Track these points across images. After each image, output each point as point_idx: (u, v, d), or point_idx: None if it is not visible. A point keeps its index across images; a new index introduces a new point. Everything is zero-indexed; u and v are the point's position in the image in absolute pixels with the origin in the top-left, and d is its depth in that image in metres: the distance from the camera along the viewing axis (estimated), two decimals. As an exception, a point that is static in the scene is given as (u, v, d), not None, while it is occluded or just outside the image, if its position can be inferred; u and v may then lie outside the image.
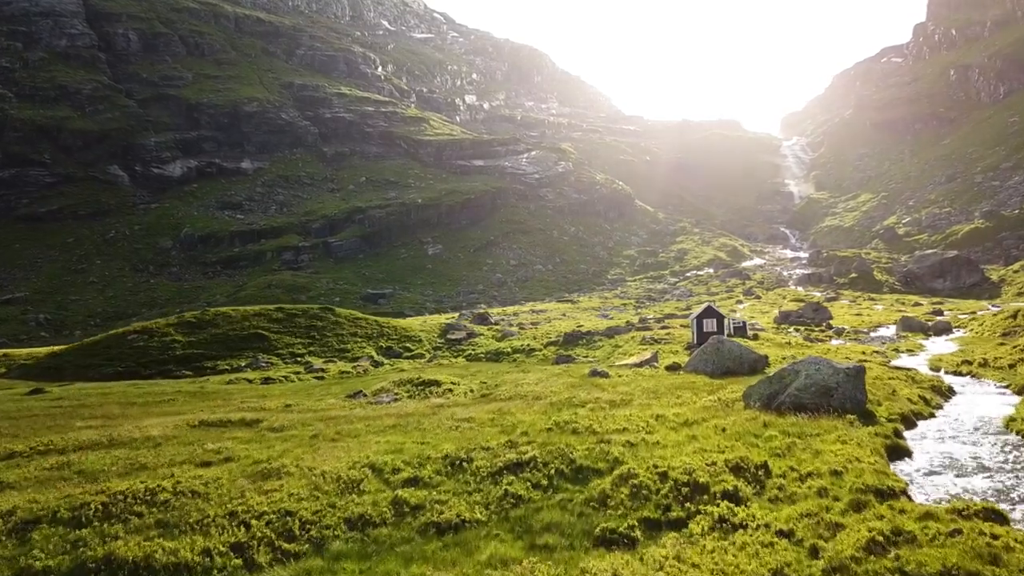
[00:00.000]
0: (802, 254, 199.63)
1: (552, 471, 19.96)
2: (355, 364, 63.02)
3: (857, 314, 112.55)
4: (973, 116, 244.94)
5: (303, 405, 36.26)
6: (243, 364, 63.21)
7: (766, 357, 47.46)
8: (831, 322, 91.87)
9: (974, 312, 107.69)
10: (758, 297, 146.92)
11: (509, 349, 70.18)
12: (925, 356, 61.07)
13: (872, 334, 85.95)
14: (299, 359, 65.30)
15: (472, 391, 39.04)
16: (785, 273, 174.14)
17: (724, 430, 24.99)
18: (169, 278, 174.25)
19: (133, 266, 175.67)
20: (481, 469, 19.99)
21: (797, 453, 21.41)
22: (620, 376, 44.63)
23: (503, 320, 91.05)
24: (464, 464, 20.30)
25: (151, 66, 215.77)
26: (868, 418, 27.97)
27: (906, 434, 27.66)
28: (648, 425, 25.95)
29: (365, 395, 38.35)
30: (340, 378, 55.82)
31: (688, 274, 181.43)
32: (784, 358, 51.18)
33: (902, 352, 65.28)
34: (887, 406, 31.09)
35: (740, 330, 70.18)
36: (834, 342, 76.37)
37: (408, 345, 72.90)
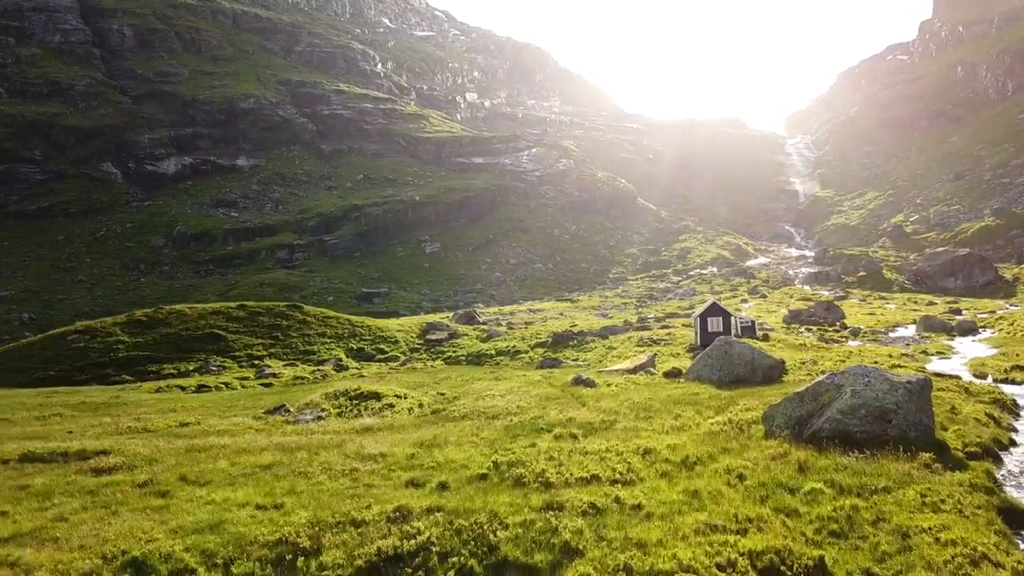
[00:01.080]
0: (808, 253, 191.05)
1: (450, 577, 11.35)
2: (318, 368, 54.83)
3: (870, 313, 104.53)
4: (981, 113, 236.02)
5: (204, 424, 28.18)
6: (192, 368, 55.12)
7: (782, 362, 38.97)
8: (845, 321, 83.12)
9: (993, 311, 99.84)
10: (764, 296, 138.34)
11: (492, 351, 61.92)
12: (960, 359, 52.49)
13: (891, 334, 77.41)
14: (256, 362, 57.13)
15: (422, 406, 30.87)
16: (791, 272, 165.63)
17: (742, 478, 16.83)
18: (160, 277, 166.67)
19: (124, 265, 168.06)
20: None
21: (867, 531, 13.14)
22: (608, 385, 36.38)
23: (492, 320, 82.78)
24: (299, 562, 11.85)
25: (146, 62, 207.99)
26: (941, 452, 19.49)
27: (998, 475, 19.10)
28: (629, 469, 17.86)
29: (288, 411, 30.25)
30: (293, 384, 47.72)
31: (691, 273, 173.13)
32: (802, 362, 42.59)
33: (931, 354, 56.62)
34: (955, 431, 22.65)
35: (748, 330, 61.86)
36: (852, 343, 67.87)
37: (382, 347, 64.67)
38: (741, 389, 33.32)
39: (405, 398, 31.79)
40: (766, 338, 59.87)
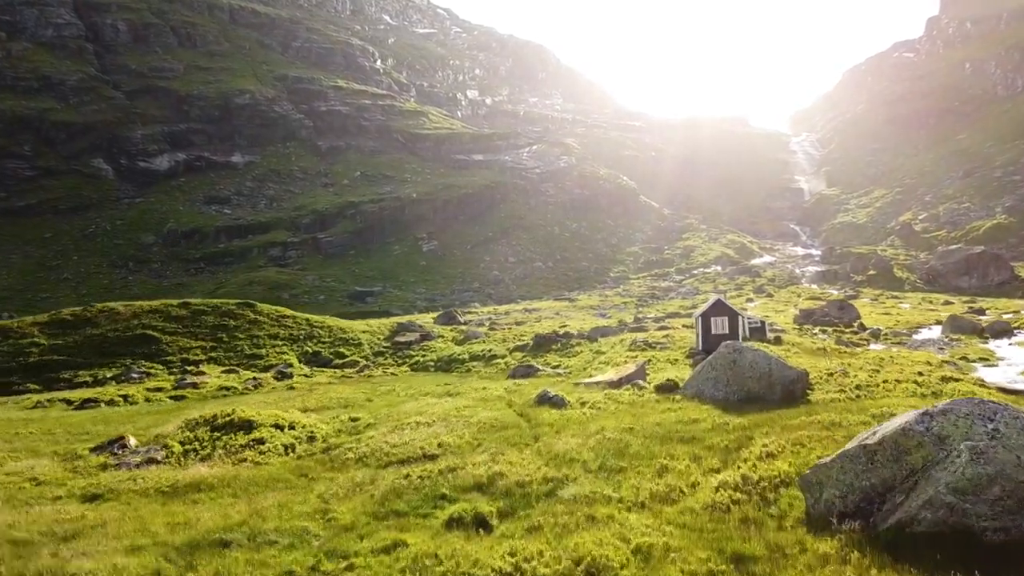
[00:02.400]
0: (814, 251, 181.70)
1: None
2: (256, 377, 45.94)
3: (885, 313, 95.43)
4: (990, 110, 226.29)
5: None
6: (110, 375, 46.46)
7: (806, 374, 29.62)
8: (862, 322, 73.50)
9: (1018, 311, 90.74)
10: (770, 295, 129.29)
11: (466, 356, 53.09)
12: (1014, 368, 43.22)
13: (915, 337, 68.09)
14: (189, 368, 48.23)
15: (312, 440, 22.23)
16: (797, 271, 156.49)
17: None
18: (149, 275, 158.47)
19: (112, 263, 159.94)
20: None
21: None
22: (581, 405, 27.63)
23: (476, 320, 73.64)
24: None
25: (140, 57, 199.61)
26: None
27: None
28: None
29: (125, 447, 21.35)
30: (214, 396, 38.58)
31: (695, 272, 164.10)
32: (829, 373, 33.41)
33: (973, 360, 47.60)
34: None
35: (758, 331, 52.70)
36: (874, 347, 58.62)
37: (342, 350, 55.82)
38: (754, 414, 24.28)
39: (291, 428, 22.97)
40: (778, 341, 50.61)
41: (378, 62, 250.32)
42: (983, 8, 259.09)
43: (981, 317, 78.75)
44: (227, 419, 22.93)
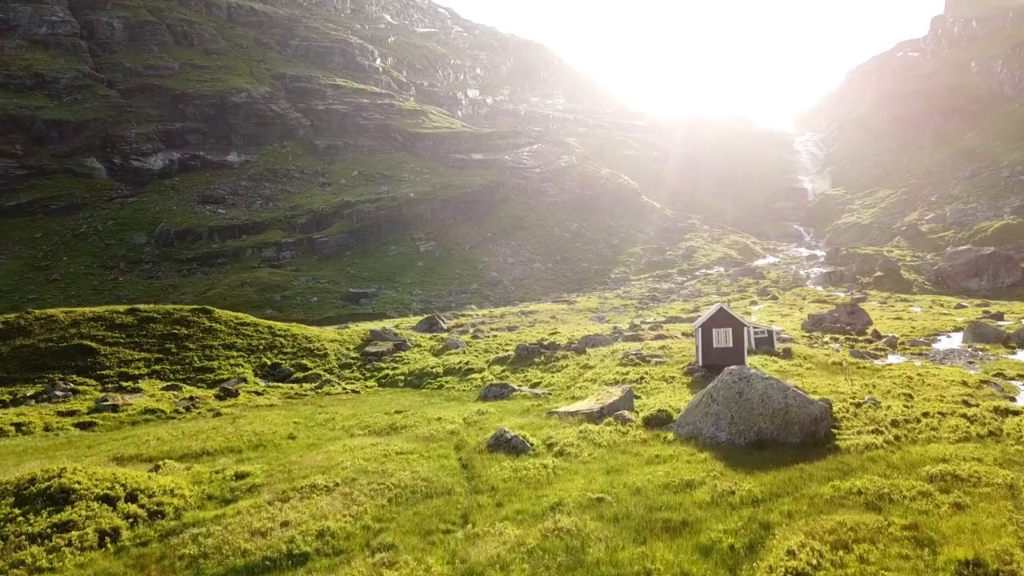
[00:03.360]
0: (818, 252, 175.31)
1: None
2: (199, 395, 39.31)
3: (896, 317, 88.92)
4: (996, 109, 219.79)
5: None
6: (31, 393, 40.10)
7: (829, 408, 23.08)
8: (875, 329, 66.90)
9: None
10: (774, 298, 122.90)
11: (440, 369, 47.00)
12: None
13: (935, 345, 61.74)
14: (127, 384, 41.91)
15: (161, 514, 15.35)
16: (802, 272, 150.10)
17: None
18: (140, 276, 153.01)
19: (102, 263, 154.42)
20: None
21: None
22: (548, 448, 21.78)
23: (458, 328, 67.41)
24: None
25: (136, 55, 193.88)
26: None
27: None
28: None
29: None
30: (136, 423, 32.08)
31: (697, 273, 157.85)
32: (855, 403, 27.14)
33: (1012, 378, 41.70)
34: None
35: (765, 342, 46.36)
36: (893, 358, 52.31)
37: (305, 362, 49.73)
38: (770, 470, 18.27)
39: (131, 499, 16.51)
40: (788, 353, 44.25)
41: (377, 61, 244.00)
42: (989, 7, 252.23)
43: (1001, 323, 72.79)
44: (45, 485, 16.56)
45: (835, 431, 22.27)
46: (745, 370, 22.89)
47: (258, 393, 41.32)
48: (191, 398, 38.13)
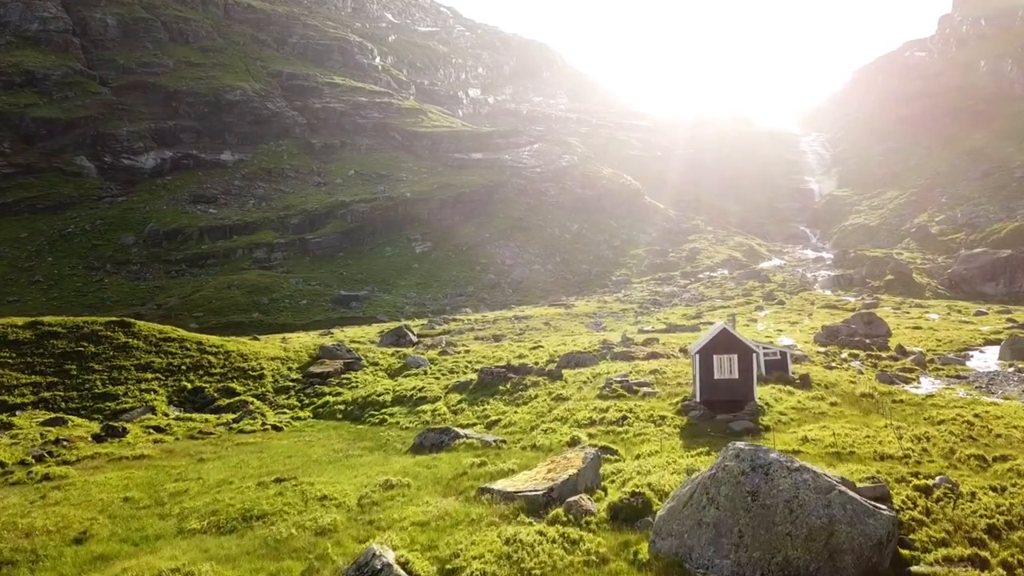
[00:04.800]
0: (825, 254, 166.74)
1: None
2: (73, 436, 30.90)
3: (915, 327, 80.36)
4: (1007, 109, 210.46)
5: None
6: None
7: (894, 519, 14.07)
8: (899, 343, 58.13)
9: (1068, 325, 76.14)
10: (781, 303, 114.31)
11: (388, 397, 38.93)
12: None
13: (971, 363, 53.31)
14: (1, 416, 33.30)
15: None
16: (809, 275, 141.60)
17: None
18: (127, 277, 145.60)
19: (88, 264, 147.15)
20: None
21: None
22: None
23: (431, 342, 59.03)
24: None
25: (129, 52, 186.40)
26: None
27: None
28: None
29: None
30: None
31: (700, 275, 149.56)
32: (917, 483, 17.76)
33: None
34: None
35: (777, 365, 37.91)
36: (927, 383, 43.80)
37: (234, 385, 41.78)
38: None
39: None
40: (806, 382, 35.66)
41: (377, 59, 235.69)
42: (998, 6, 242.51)
43: (1033, 333, 63.75)
44: None
45: (906, 553, 13.83)
46: (761, 452, 14.37)
47: (157, 429, 33.38)
48: (57, 440, 29.97)
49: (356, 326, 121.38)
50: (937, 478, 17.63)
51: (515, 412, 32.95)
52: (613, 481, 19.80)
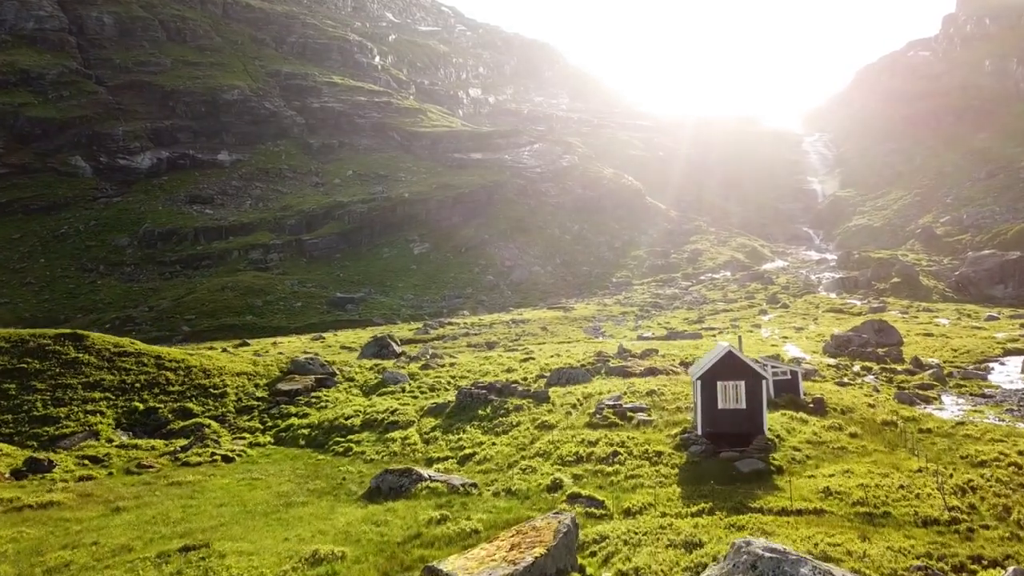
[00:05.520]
0: (829, 256, 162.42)
1: None
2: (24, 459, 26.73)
3: (926, 333, 76.17)
4: (1012, 108, 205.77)
5: None
6: None
7: None
8: (917, 356, 53.81)
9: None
10: (785, 306, 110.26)
11: (358, 420, 35.07)
12: None
13: (994, 378, 49.57)
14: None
15: None
16: (813, 277, 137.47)
17: None
18: (120, 278, 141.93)
19: (81, 265, 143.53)
20: None
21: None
22: None
23: (422, 344, 55.14)
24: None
25: (126, 52, 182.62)
26: None
27: None
28: None
29: None
30: None
31: (702, 277, 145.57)
32: None
33: None
34: None
35: (787, 386, 33.84)
36: (950, 403, 39.81)
37: (192, 405, 37.81)
38: None
39: None
40: (820, 406, 31.45)
41: (376, 59, 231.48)
42: (1003, 5, 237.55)
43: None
44: None
45: None
46: (785, 567, 10.22)
47: (94, 459, 29.50)
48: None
49: (350, 330, 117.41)
50: (1010, 571, 13.45)
51: (493, 443, 28.92)
52: (594, 554, 15.86)
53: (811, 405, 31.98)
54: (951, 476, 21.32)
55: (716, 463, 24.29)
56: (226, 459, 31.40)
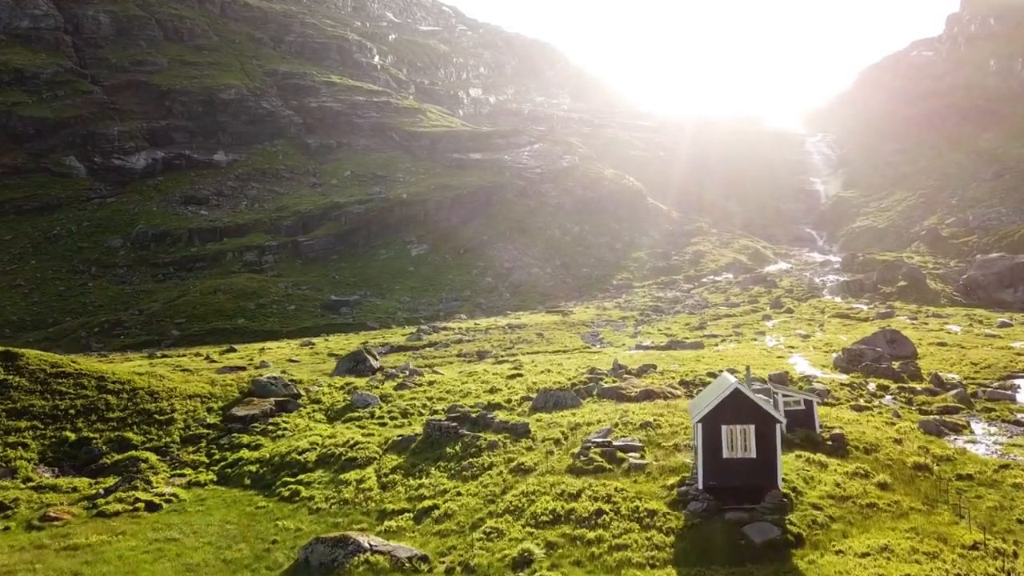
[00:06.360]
0: (833, 257, 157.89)
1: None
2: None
3: (939, 342, 71.49)
4: (1018, 108, 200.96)
5: None
6: None
7: None
8: (937, 373, 49.23)
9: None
10: (789, 311, 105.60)
11: (313, 456, 31.06)
12: None
13: (1019, 396, 43.81)
14: None
15: None
16: (817, 280, 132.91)
17: None
18: (112, 280, 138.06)
19: (73, 267, 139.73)
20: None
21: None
22: None
23: (413, 350, 50.72)
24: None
25: (122, 51, 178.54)
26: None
27: None
28: None
29: None
30: None
31: (704, 280, 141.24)
32: None
33: None
34: None
35: (801, 418, 29.08)
36: (982, 433, 35.89)
37: (130, 435, 33.66)
38: None
39: None
40: (840, 444, 26.80)
41: (376, 58, 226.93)
42: (1007, 4, 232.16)
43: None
44: None
45: None
46: None
47: (26, 504, 24.74)
48: None
49: (343, 334, 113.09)
50: None
51: (458, 493, 24.50)
52: None
53: (829, 443, 27.39)
54: (1015, 555, 16.80)
55: (721, 527, 19.81)
56: (151, 507, 27.05)
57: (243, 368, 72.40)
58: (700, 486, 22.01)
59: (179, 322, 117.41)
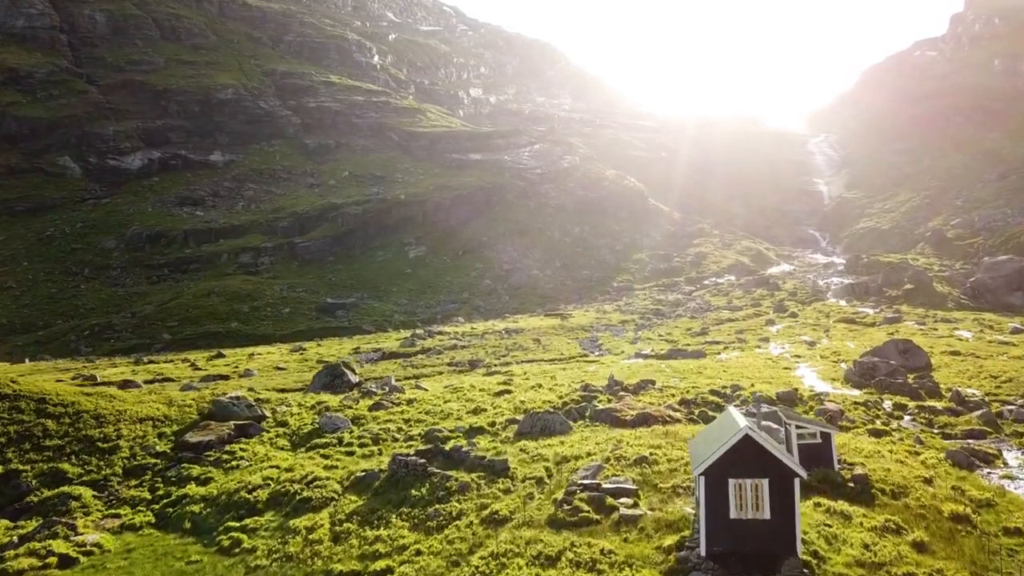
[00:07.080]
0: (836, 259, 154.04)
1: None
2: None
3: (952, 351, 67.81)
4: (1022, 108, 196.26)
5: None
6: None
7: None
8: (957, 390, 45.47)
9: None
10: (794, 315, 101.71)
11: (263, 496, 27.60)
12: None
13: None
14: None
15: None
16: (821, 282, 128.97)
17: None
18: (106, 282, 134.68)
19: (66, 269, 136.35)
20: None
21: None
22: None
23: (403, 359, 47.03)
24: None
25: (118, 50, 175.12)
26: None
27: None
28: None
29: None
30: None
31: (706, 282, 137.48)
32: None
33: None
34: None
35: (817, 453, 25.30)
36: (1016, 466, 30.27)
37: (66, 467, 30.32)
38: None
39: None
40: (863, 487, 23.03)
41: (375, 58, 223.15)
42: (1012, 3, 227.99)
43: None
44: None
45: None
46: None
47: None
48: None
49: (336, 338, 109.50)
50: None
51: (418, 551, 20.82)
52: None
53: (851, 484, 23.58)
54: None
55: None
56: (64, 562, 23.29)
57: (227, 377, 68.77)
58: (703, 552, 18.18)
59: (171, 325, 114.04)
